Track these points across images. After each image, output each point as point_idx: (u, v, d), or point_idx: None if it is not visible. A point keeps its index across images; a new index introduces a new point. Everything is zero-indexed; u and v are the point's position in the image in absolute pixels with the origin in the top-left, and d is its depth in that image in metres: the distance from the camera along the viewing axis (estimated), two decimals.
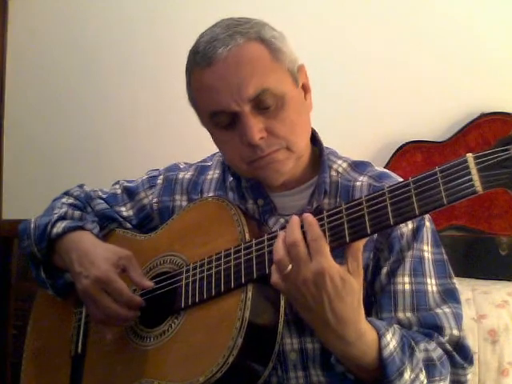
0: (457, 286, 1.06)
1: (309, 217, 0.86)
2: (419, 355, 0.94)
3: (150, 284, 1.07)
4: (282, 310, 0.96)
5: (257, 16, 1.07)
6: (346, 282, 0.84)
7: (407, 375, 0.90)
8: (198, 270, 1.02)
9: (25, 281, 2.30)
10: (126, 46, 2.35)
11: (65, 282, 1.19)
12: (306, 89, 1.09)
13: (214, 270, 0.99)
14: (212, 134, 1.09)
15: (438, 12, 2.01)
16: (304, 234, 0.86)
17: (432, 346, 0.97)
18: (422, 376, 0.93)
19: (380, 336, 0.90)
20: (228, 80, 0.98)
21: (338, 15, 2.11)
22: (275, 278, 0.87)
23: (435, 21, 2.01)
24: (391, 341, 0.91)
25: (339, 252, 0.87)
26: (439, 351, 0.98)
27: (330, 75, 1.99)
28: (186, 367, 0.96)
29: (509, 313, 1.63)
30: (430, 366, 0.95)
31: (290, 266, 0.85)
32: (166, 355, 1.00)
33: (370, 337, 0.89)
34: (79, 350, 1.15)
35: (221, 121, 1.03)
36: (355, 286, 0.85)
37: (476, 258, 1.91)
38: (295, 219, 0.88)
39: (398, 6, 2.06)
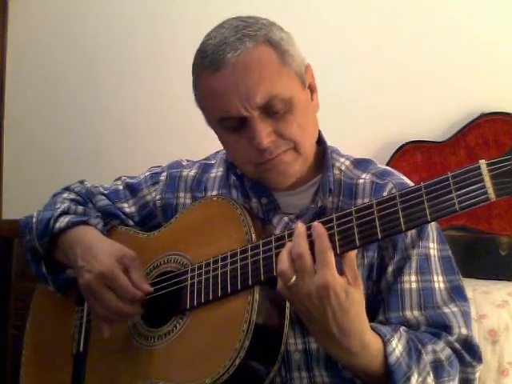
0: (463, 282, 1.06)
1: (318, 227, 0.86)
2: (426, 358, 0.93)
3: (149, 289, 1.06)
4: (287, 311, 0.96)
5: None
6: (349, 294, 0.83)
7: (414, 379, 0.90)
8: (203, 270, 1.01)
9: (25, 281, 2.30)
10: (126, 46, 2.35)
11: (66, 278, 1.18)
12: (312, 89, 1.09)
13: (219, 271, 0.98)
14: (219, 136, 1.09)
15: (437, 12, 2.02)
16: (310, 242, 0.85)
17: (440, 346, 0.97)
18: (430, 379, 0.93)
19: (385, 343, 0.90)
20: (237, 86, 0.98)
21: (338, 15, 2.11)
22: (280, 286, 0.87)
23: (435, 21, 2.01)
24: (397, 346, 0.91)
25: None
26: (447, 351, 0.97)
27: (330, 75, 1.99)
28: (191, 368, 0.95)
29: (509, 313, 1.63)
30: (437, 367, 0.95)
31: (293, 278, 0.85)
32: (171, 356, 1.00)
33: (376, 345, 0.89)
34: (81, 348, 1.15)
35: (229, 124, 1.03)
36: (358, 297, 0.85)
37: (476, 258, 1.91)
38: (302, 230, 0.87)
39: (398, 6, 2.06)
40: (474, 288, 1.70)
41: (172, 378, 0.98)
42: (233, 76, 0.98)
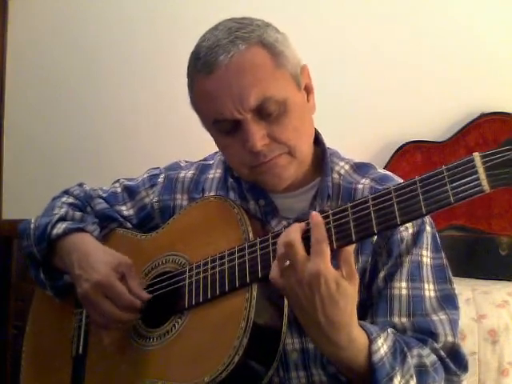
0: (456, 291, 1.05)
1: (315, 216, 0.86)
2: (411, 361, 0.93)
3: (147, 296, 1.06)
4: (285, 309, 0.96)
5: (256, 16, 1.07)
6: (341, 287, 0.83)
7: (397, 381, 0.90)
8: (201, 269, 1.01)
9: (25, 281, 2.30)
10: (126, 46, 2.35)
11: (64, 284, 1.18)
12: (308, 90, 1.08)
13: (217, 269, 0.99)
14: (214, 138, 1.09)
15: (438, 12, 2.02)
16: (308, 232, 0.86)
17: (426, 351, 0.97)
18: (413, 382, 0.92)
19: (371, 340, 0.89)
20: (230, 89, 0.98)
21: (338, 15, 2.11)
22: (273, 273, 0.87)
23: (435, 21, 2.01)
24: (382, 346, 0.90)
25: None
26: (433, 357, 0.97)
27: (330, 75, 1.99)
28: (190, 367, 0.95)
29: (509, 313, 1.63)
30: (422, 371, 0.94)
31: (288, 261, 0.85)
32: (170, 355, 1.00)
33: (362, 340, 0.89)
34: (80, 350, 1.15)
35: (223, 127, 1.02)
36: (349, 292, 0.85)
37: (476, 258, 1.91)
38: (297, 224, 0.88)
39: (398, 6, 2.06)
40: (473, 288, 1.71)
41: (171, 377, 0.98)
42: (226, 78, 0.98)
